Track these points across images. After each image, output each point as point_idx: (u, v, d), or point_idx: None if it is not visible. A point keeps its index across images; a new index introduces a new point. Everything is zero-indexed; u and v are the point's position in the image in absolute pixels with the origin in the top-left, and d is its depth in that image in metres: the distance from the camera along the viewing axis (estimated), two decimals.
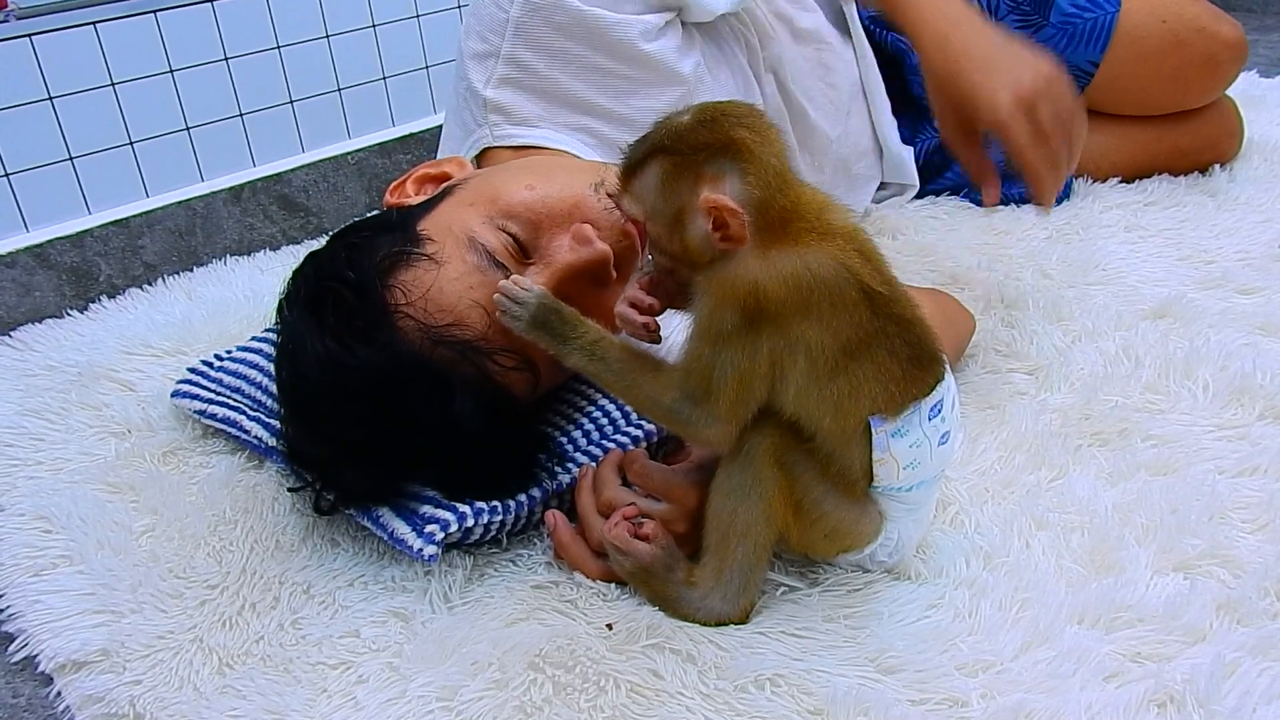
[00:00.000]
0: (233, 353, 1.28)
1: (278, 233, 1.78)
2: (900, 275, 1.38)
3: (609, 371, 0.85)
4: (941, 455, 0.87)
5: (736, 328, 0.78)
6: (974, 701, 0.81)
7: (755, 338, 0.78)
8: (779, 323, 0.78)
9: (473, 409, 0.93)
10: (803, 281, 0.77)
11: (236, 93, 1.70)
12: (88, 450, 1.20)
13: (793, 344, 0.79)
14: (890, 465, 0.84)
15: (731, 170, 0.78)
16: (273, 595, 0.97)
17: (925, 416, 0.83)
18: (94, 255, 1.60)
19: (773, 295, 0.77)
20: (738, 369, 0.79)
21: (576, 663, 0.86)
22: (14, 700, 0.93)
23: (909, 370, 0.82)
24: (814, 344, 0.79)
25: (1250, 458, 1.04)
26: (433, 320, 0.93)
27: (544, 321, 0.87)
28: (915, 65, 1.60)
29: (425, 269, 0.96)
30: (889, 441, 0.83)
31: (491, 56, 1.20)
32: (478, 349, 0.94)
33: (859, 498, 0.87)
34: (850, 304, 0.79)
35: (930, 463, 0.86)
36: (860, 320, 0.79)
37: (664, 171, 0.80)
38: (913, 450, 0.84)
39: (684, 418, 0.83)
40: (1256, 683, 0.79)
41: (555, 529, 0.97)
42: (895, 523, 0.89)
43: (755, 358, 0.79)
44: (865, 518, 0.88)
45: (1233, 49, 1.54)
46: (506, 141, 1.22)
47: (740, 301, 0.78)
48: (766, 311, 0.78)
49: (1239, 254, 1.43)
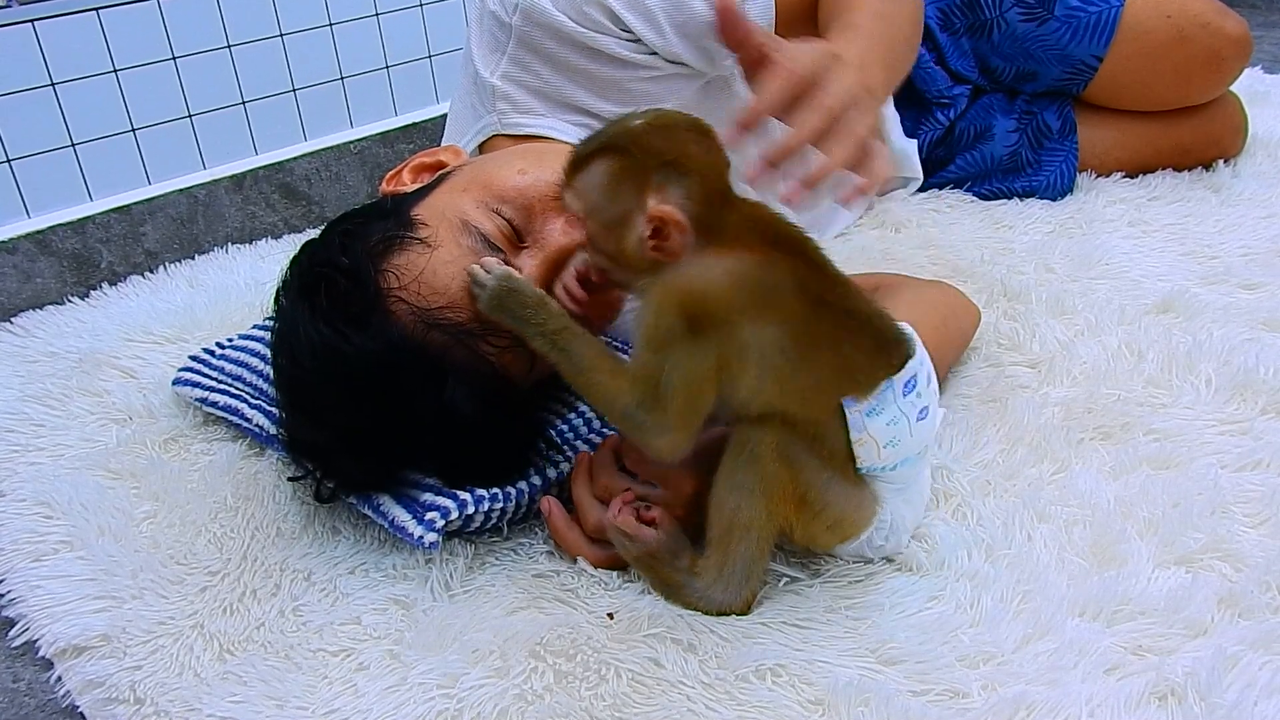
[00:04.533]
0: (234, 341, 1.28)
1: (279, 221, 1.77)
2: (903, 268, 1.39)
3: (569, 363, 0.85)
4: (921, 431, 0.87)
5: (681, 334, 0.78)
6: (975, 693, 0.81)
7: (701, 343, 0.78)
8: (726, 328, 0.78)
9: (467, 392, 0.93)
10: (748, 285, 0.77)
11: (239, 80, 1.70)
12: (89, 437, 1.20)
13: (742, 347, 0.78)
14: (870, 445, 0.84)
15: (678, 183, 0.78)
16: (274, 582, 0.97)
17: (899, 393, 0.83)
18: (96, 242, 1.60)
19: (719, 300, 0.77)
20: (684, 376, 0.79)
21: (578, 651, 0.86)
22: (14, 685, 0.93)
23: (873, 356, 0.82)
24: (767, 345, 0.78)
25: (1252, 452, 1.04)
26: (425, 303, 0.94)
27: (502, 303, 0.87)
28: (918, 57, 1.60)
29: (418, 252, 0.96)
30: (864, 421, 0.83)
31: (498, 51, 1.21)
32: (470, 331, 0.94)
33: (856, 483, 0.87)
34: (799, 304, 0.79)
35: (910, 439, 0.86)
36: (814, 318, 0.79)
37: (611, 172, 0.80)
38: (890, 428, 0.84)
39: (637, 424, 0.83)
40: (1258, 676, 0.79)
41: (550, 516, 0.97)
42: (888, 505, 0.89)
43: (702, 364, 0.78)
44: (863, 503, 0.88)
45: (1237, 45, 1.54)
46: (514, 130, 1.22)
47: (683, 308, 0.77)
48: (713, 317, 0.77)
49: (1242, 249, 1.42)
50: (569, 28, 1.17)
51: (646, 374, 0.80)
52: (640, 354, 0.81)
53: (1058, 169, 1.60)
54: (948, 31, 1.63)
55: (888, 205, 1.61)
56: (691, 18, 1.18)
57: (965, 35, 1.62)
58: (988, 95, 1.65)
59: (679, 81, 1.24)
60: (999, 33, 1.59)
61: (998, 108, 1.63)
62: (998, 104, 1.64)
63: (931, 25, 1.62)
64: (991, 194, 1.63)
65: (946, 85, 1.62)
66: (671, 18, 1.18)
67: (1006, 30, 1.58)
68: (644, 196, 0.79)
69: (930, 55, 1.62)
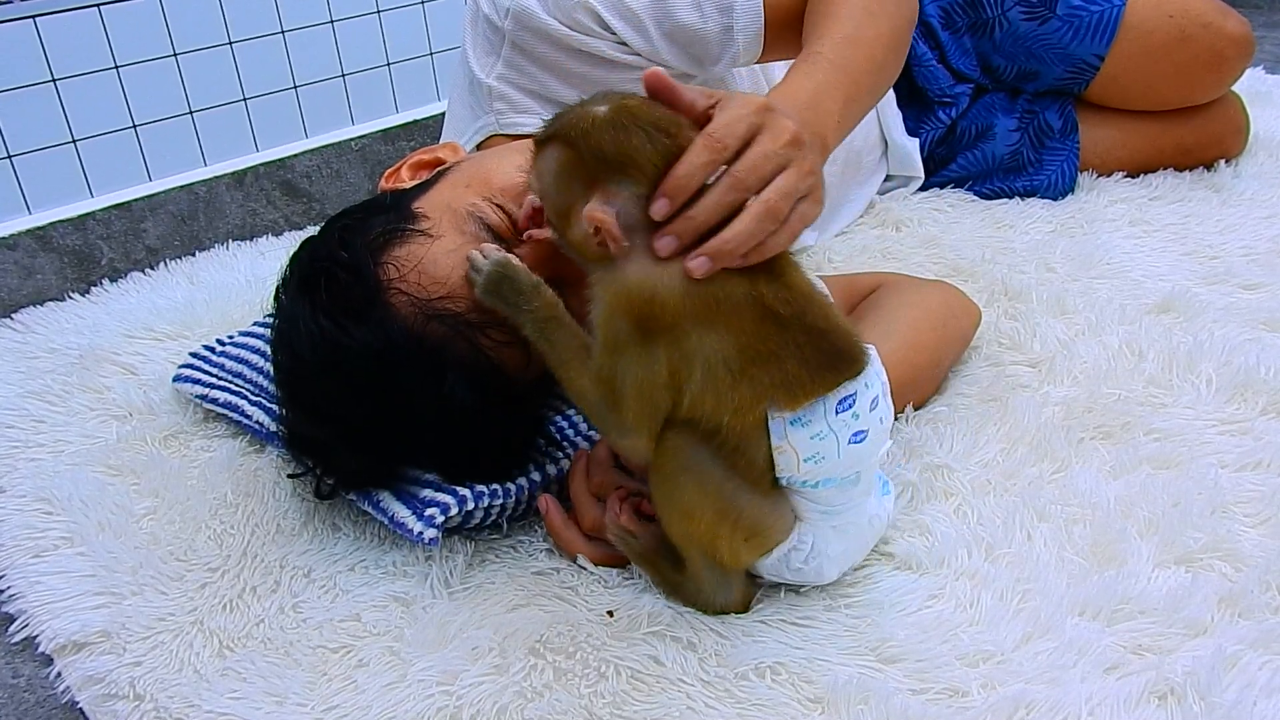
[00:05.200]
0: (234, 337, 1.28)
1: (280, 218, 1.77)
2: (904, 267, 1.39)
3: (552, 354, 0.85)
4: (854, 455, 0.82)
5: (630, 338, 0.77)
6: (974, 692, 0.81)
7: (651, 348, 0.77)
8: (674, 334, 0.77)
9: (466, 386, 0.93)
10: (695, 291, 0.76)
11: (240, 77, 1.69)
12: (89, 433, 1.20)
13: (689, 355, 0.77)
14: (789, 455, 0.81)
15: (625, 187, 0.77)
16: (273, 579, 0.97)
17: (832, 409, 0.80)
18: (96, 238, 1.60)
19: (670, 306, 0.76)
20: (636, 380, 0.78)
21: (577, 649, 0.86)
22: (14, 680, 0.93)
23: (816, 371, 0.79)
24: (711, 355, 0.77)
25: (1253, 452, 1.04)
26: (425, 293, 0.93)
27: (497, 287, 0.87)
28: (920, 56, 1.60)
29: (419, 244, 0.96)
30: (786, 429, 0.79)
31: (493, 54, 1.21)
32: (469, 323, 0.94)
33: (769, 492, 0.84)
34: (753, 319, 0.77)
35: (839, 460, 0.81)
36: (766, 333, 0.77)
37: (560, 163, 0.80)
38: (815, 442, 0.80)
39: (604, 423, 0.83)
40: (1257, 676, 0.79)
41: (548, 514, 0.97)
42: (811, 525, 0.86)
43: (653, 368, 0.78)
44: (777, 513, 0.85)
45: (1239, 44, 1.54)
46: (512, 130, 1.23)
47: (633, 311, 0.77)
48: (661, 322, 0.76)
49: (1243, 249, 1.42)
50: (560, 32, 1.17)
51: (604, 375, 0.80)
52: (598, 354, 0.80)
53: (1059, 168, 1.60)
54: (949, 30, 1.63)
55: (888, 204, 1.61)
56: (677, 24, 1.18)
57: (967, 34, 1.62)
58: (989, 94, 1.65)
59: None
60: (1001, 31, 1.59)
61: (999, 107, 1.63)
62: (999, 103, 1.64)
63: (933, 23, 1.62)
64: (992, 193, 1.63)
65: (948, 84, 1.62)
66: (659, 24, 1.18)
67: (1008, 29, 1.58)
68: (589, 193, 0.78)
69: (932, 54, 1.62)
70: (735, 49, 1.19)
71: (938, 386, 1.18)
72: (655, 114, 0.79)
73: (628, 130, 0.77)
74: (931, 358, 1.13)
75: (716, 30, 1.18)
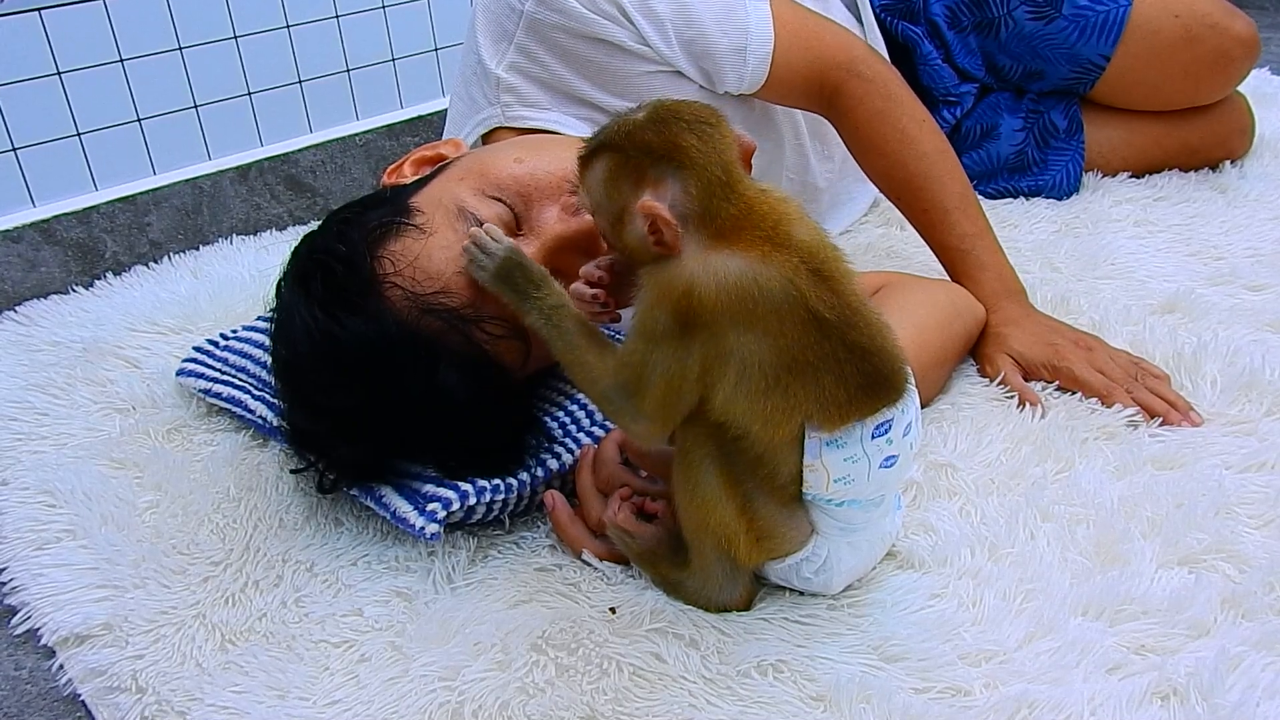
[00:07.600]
0: (238, 332, 1.28)
1: (284, 213, 1.77)
2: (908, 266, 1.38)
3: (560, 340, 0.85)
4: (882, 479, 0.82)
5: (669, 330, 0.77)
6: (977, 691, 0.81)
7: (687, 342, 0.77)
8: (712, 330, 0.76)
9: (460, 378, 0.93)
10: (742, 292, 0.75)
11: (245, 72, 1.69)
12: (92, 426, 1.20)
13: (725, 355, 0.76)
14: (820, 474, 0.80)
15: (673, 177, 0.77)
16: (276, 573, 0.97)
17: (869, 434, 0.79)
18: (100, 232, 1.60)
19: (708, 302, 0.75)
20: (666, 371, 0.78)
21: (579, 645, 0.86)
22: (16, 673, 0.93)
23: (856, 396, 0.77)
24: (748, 358, 0.76)
25: (1257, 453, 1.03)
26: (420, 288, 0.94)
27: (508, 275, 0.87)
28: (925, 55, 1.60)
29: (414, 238, 0.96)
30: (821, 449, 0.79)
31: (505, 40, 1.20)
32: (465, 317, 0.94)
33: (786, 503, 0.84)
34: (794, 323, 0.75)
35: (867, 483, 0.81)
36: (806, 341, 0.76)
37: (608, 169, 0.80)
38: (847, 464, 0.80)
39: (615, 407, 0.83)
40: (1260, 677, 0.79)
41: (553, 510, 0.97)
42: (826, 539, 0.85)
43: (685, 362, 0.77)
44: (794, 524, 0.84)
45: (1245, 45, 1.53)
46: (518, 123, 1.22)
47: (674, 304, 0.76)
48: (700, 317, 0.76)
49: (1248, 250, 1.42)
50: (581, 15, 1.16)
51: (633, 360, 0.80)
52: (631, 340, 0.80)
53: (1064, 168, 1.60)
54: (955, 29, 1.62)
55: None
56: (699, 36, 1.19)
57: (972, 33, 1.62)
58: (994, 94, 1.65)
59: (685, 79, 1.24)
60: (1006, 31, 1.59)
61: (1004, 106, 1.63)
62: (1004, 102, 1.64)
63: (939, 23, 1.62)
64: (997, 193, 1.63)
65: (953, 83, 1.62)
66: (680, 32, 1.19)
67: (1014, 28, 1.58)
68: (639, 191, 0.78)
69: (937, 53, 1.62)
70: (746, 69, 1.22)
71: (942, 386, 1.17)
72: (693, 108, 0.80)
73: (669, 123, 0.78)
74: (936, 357, 1.13)
75: (730, 50, 1.21)
